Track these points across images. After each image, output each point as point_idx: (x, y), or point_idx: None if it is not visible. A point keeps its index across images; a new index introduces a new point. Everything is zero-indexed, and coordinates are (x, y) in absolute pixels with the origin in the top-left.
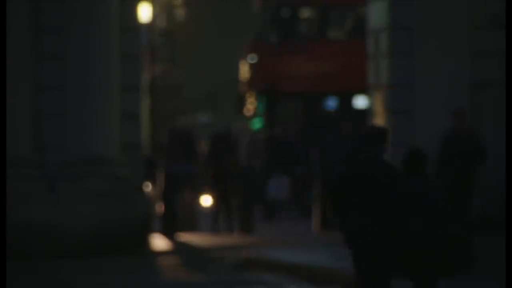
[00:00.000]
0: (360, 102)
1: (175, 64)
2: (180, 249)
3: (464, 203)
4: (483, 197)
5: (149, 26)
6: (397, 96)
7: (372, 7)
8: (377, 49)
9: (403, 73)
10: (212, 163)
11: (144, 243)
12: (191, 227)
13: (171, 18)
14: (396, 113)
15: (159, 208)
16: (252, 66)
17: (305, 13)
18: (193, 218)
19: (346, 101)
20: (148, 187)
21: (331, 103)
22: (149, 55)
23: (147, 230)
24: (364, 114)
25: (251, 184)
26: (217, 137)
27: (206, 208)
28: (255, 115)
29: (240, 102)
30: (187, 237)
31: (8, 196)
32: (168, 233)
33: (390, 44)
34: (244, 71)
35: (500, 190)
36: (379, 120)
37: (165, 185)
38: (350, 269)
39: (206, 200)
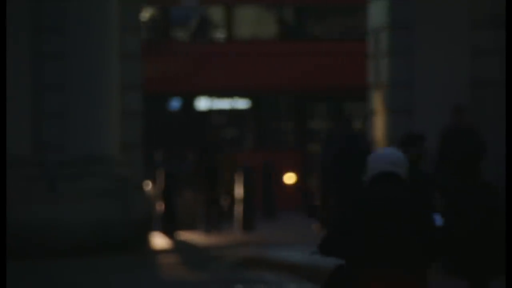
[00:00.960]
0: (202, 104)
1: None
2: (180, 247)
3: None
4: None
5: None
6: (397, 95)
7: (372, 6)
8: (377, 48)
9: (403, 72)
10: (202, 161)
11: (144, 242)
12: (191, 226)
13: None
14: (396, 112)
15: (159, 207)
16: None
17: (148, 13)
18: (193, 217)
19: (188, 103)
20: (148, 186)
21: (175, 104)
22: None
23: (147, 229)
24: (205, 115)
25: (252, 182)
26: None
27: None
28: None
29: None
30: (187, 236)
31: (8, 196)
32: (168, 232)
33: (390, 43)
34: None
35: (500, 188)
36: (379, 119)
37: (164, 184)
38: None
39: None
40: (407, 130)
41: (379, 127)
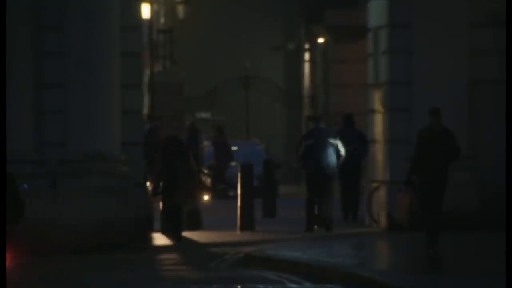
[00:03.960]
0: None
1: (175, 62)
2: (180, 245)
3: (439, 196)
4: (483, 195)
5: (150, 24)
6: (395, 94)
7: (371, 5)
8: (376, 47)
9: (402, 70)
10: (163, 168)
11: (145, 239)
12: (192, 224)
13: (172, 16)
14: (395, 111)
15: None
16: None
17: None
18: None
19: None
20: (148, 184)
21: None
22: (149, 53)
23: (148, 227)
24: None
25: (252, 182)
26: (168, 140)
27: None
28: None
29: None
30: (187, 234)
31: None
32: (169, 230)
33: (389, 42)
34: None
35: (500, 188)
36: (378, 117)
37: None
38: (347, 265)
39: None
40: (406, 128)
41: (378, 125)
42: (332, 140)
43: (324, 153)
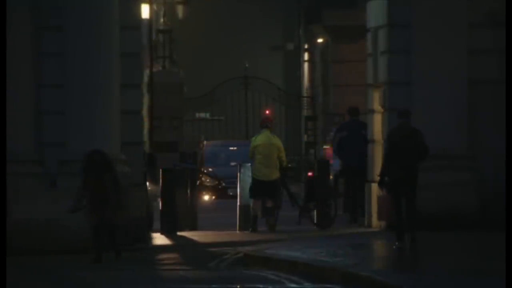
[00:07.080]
0: None
1: (174, 62)
2: (180, 245)
3: (412, 193)
4: (482, 195)
5: (149, 24)
6: (395, 94)
7: (370, 5)
8: (375, 47)
9: (401, 70)
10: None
11: (144, 239)
12: (191, 224)
13: (172, 16)
14: (394, 110)
15: (159, 204)
16: None
17: None
18: (193, 215)
19: None
20: (148, 184)
21: None
22: (149, 53)
23: (148, 226)
24: None
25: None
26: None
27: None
28: None
29: None
30: (187, 234)
31: (8, 193)
32: (168, 230)
33: (388, 42)
34: None
35: (499, 188)
36: (377, 117)
37: (163, 182)
38: (346, 264)
39: None
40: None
41: (377, 125)
42: (365, 132)
43: (358, 145)
